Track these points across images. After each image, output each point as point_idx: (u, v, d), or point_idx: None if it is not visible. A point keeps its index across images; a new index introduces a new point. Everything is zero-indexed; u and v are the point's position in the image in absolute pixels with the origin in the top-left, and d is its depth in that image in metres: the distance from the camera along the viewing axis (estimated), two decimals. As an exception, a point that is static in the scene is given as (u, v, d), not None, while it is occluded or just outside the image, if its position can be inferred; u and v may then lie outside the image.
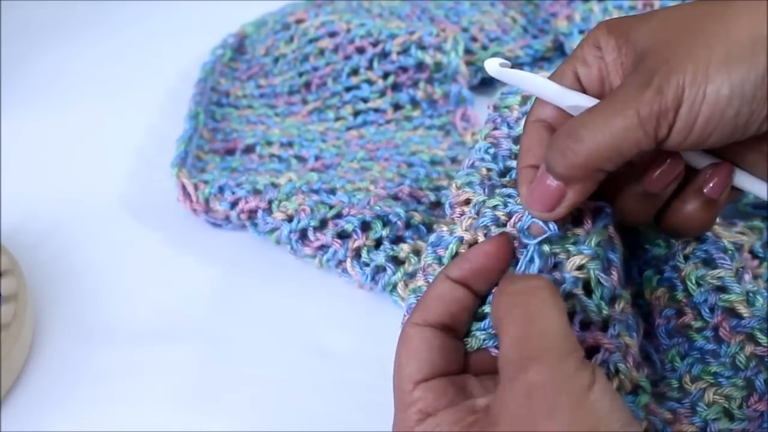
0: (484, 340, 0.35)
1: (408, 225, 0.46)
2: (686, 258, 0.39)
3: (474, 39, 0.62)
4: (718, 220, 0.41)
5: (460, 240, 0.37)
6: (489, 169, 0.40)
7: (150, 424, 0.41)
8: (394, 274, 0.45)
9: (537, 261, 0.34)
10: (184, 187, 0.50)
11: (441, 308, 0.34)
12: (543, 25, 0.64)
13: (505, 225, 0.37)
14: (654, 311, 0.39)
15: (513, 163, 0.40)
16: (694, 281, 0.38)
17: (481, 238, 0.37)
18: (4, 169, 0.55)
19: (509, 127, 0.42)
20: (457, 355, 0.34)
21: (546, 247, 0.35)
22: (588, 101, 0.34)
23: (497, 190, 0.38)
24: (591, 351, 0.34)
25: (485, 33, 0.63)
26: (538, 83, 0.35)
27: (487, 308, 0.35)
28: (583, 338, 0.34)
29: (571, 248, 0.35)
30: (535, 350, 0.29)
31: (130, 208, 0.53)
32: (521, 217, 0.36)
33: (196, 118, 0.56)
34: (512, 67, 0.35)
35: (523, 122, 0.39)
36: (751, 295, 0.38)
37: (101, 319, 0.46)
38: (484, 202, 0.38)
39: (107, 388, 0.42)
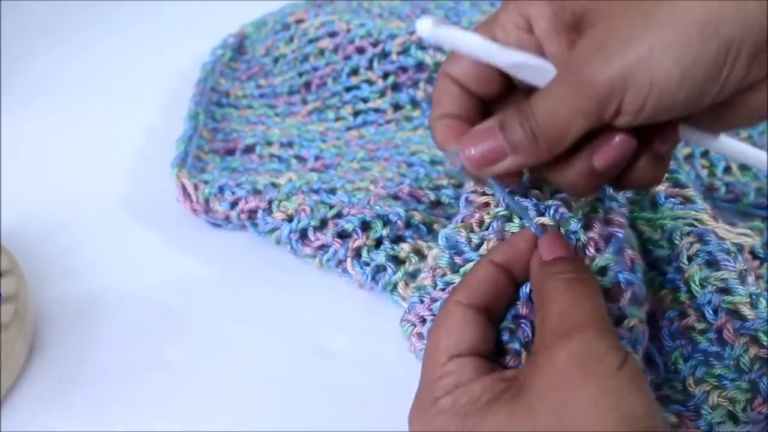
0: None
1: (408, 224, 0.46)
2: (690, 259, 0.39)
3: (474, 39, 0.62)
4: (720, 221, 0.41)
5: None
6: None
7: (150, 424, 0.41)
8: (394, 273, 0.45)
9: None
10: (184, 188, 0.50)
11: (486, 290, 0.34)
12: (543, 24, 0.64)
13: None
14: (657, 313, 0.39)
15: None
16: (697, 283, 0.38)
17: None
18: (4, 169, 0.55)
19: None
20: (491, 339, 0.34)
21: None
22: (531, 60, 0.33)
23: (515, 203, 0.37)
24: None
25: (485, 33, 0.63)
26: (477, 44, 0.33)
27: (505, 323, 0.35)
28: None
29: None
30: (580, 323, 0.30)
31: (130, 208, 0.53)
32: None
33: (196, 118, 0.56)
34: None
35: None
36: (754, 297, 0.38)
37: (101, 319, 0.46)
38: (504, 217, 0.38)
39: (107, 388, 0.42)
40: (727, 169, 0.53)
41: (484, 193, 0.40)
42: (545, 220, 0.36)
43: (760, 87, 0.31)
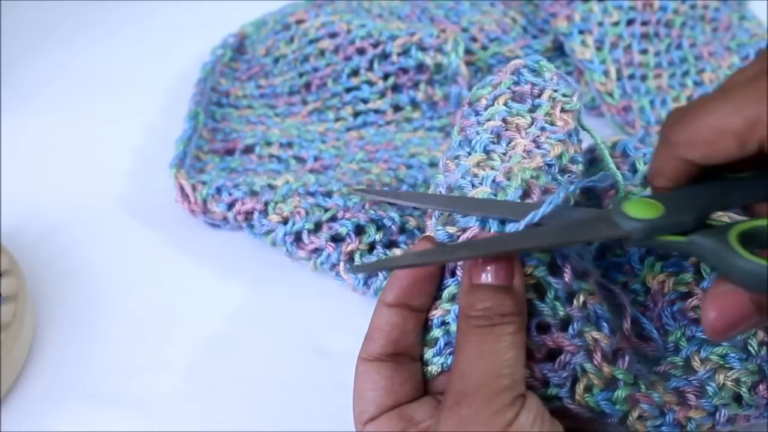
0: (442, 364, 0.35)
1: (402, 230, 0.46)
2: None
3: (474, 39, 0.62)
4: (730, 215, 0.41)
5: None
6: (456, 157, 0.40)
7: (150, 424, 0.41)
8: (385, 279, 0.44)
9: None
10: (182, 188, 0.50)
11: (382, 339, 0.34)
12: (543, 25, 0.64)
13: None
14: (656, 295, 0.39)
15: (484, 145, 0.39)
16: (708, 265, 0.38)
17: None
18: (4, 169, 0.55)
19: (477, 114, 0.41)
20: (411, 381, 0.34)
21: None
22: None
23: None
24: (554, 353, 0.34)
25: (485, 33, 0.63)
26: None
27: (436, 332, 0.35)
28: (542, 342, 0.34)
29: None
30: (472, 387, 0.31)
31: (130, 208, 0.53)
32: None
33: (195, 118, 0.56)
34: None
35: (490, 109, 0.39)
36: None
37: (101, 319, 0.46)
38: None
39: (107, 388, 0.42)
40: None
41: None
42: (483, 188, 0.36)
43: None
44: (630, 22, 0.60)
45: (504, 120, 0.40)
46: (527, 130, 0.39)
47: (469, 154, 0.39)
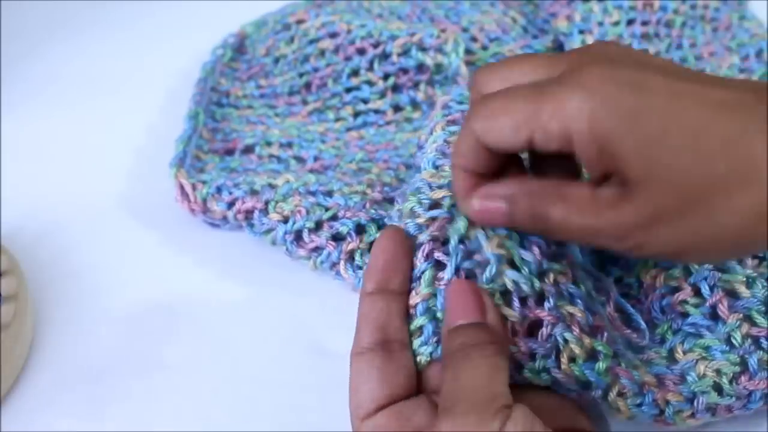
0: (430, 353, 0.35)
1: None
2: None
3: (474, 39, 0.62)
4: None
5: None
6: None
7: (150, 424, 0.41)
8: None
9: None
10: (182, 187, 0.50)
11: (369, 327, 0.35)
12: (543, 25, 0.64)
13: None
14: (648, 289, 0.40)
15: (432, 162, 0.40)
16: None
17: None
18: (4, 169, 0.55)
19: (421, 148, 0.44)
20: (404, 370, 0.34)
21: (461, 225, 0.35)
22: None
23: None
24: (535, 326, 0.34)
25: (485, 33, 0.63)
26: None
27: (421, 320, 0.35)
28: (524, 314, 0.34)
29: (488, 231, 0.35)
30: (453, 402, 0.31)
31: (130, 208, 0.53)
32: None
33: (195, 118, 0.56)
34: None
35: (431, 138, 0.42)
36: (750, 279, 0.38)
37: (101, 319, 0.46)
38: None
39: (107, 388, 0.42)
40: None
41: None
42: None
43: None
44: (630, 22, 0.60)
45: (445, 140, 0.41)
46: None
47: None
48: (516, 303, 0.34)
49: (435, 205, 0.37)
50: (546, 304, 0.35)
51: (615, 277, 0.41)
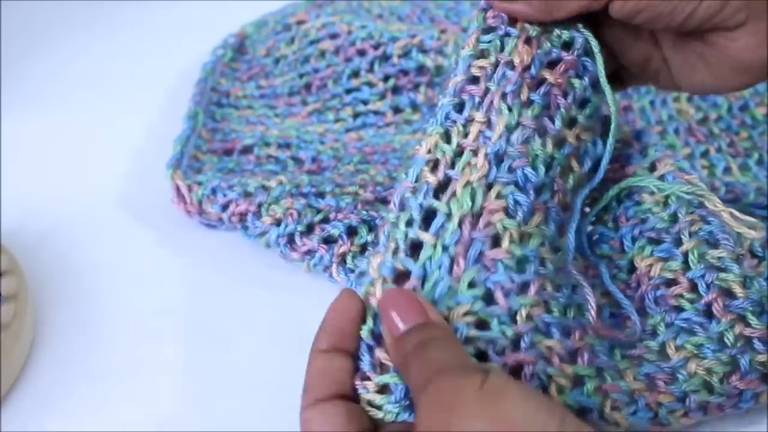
0: (398, 414, 0.34)
1: None
2: (691, 235, 0.39)
3: (474, 40, 0.62)
4: (732, 210, 0.41)
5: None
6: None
7: (150, 424, 0.41)
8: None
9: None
10: (178, 189, 0.50)
11: (326, 382, 0.34)
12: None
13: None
14: (642, 277, 0.40)
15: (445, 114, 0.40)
16: (696, 255, 0.38)
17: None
18: (4, 169, 0.55)
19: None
20: (361, 419, 0.34)
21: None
22: None
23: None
24: (518, 370, 0.34)
25: (485, 34, 0.63)
26: None
27: (386, 378, 0.35)
28: (504, 362, 0.34)
29: (453, 302, 0.35)
30: (434, 371, 0.31)
31: (130, 208, 0.53)
32: None
33: (194, 118, 0.56)
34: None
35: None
36: (748, 279, 0.38)
37: (101, 319, 0.46)
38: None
39: (107, 388, 0.42)
40: (727, 170, 0.53)
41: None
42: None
43: (738, 35, 0.37)
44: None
45: (469, 66, 0.40)
46: (488, 84, 0.39)
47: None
48: (494, 357, 0.34)
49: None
50: (522, 344, 0.34)
51: (605, 256, 0.41)
